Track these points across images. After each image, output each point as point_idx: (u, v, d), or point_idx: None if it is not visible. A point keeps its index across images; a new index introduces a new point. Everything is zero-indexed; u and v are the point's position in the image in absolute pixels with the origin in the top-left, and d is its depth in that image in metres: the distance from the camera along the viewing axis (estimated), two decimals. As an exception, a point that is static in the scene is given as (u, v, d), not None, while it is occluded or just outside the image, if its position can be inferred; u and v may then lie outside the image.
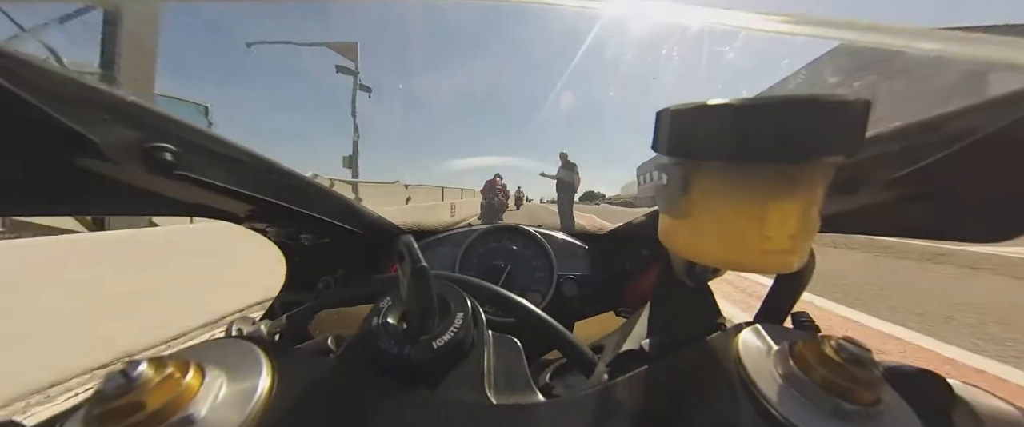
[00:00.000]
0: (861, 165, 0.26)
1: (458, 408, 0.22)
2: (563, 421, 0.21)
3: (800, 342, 0.22)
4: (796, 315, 0.36)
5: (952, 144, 0.22)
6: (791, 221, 0.20)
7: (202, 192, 0.35)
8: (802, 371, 0.20)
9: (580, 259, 0.72)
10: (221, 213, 0.45)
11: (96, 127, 0.24)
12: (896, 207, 0.29)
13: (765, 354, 0.23)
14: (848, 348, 0.19)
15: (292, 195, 0.45)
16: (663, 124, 0.21)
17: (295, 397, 0.21)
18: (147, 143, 0.27)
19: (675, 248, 0.25)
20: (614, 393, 0.23)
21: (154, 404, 0.17)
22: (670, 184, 0.23)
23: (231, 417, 0.19)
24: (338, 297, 0.42)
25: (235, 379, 0.21)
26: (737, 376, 0.22)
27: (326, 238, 0.62)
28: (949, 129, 0.23)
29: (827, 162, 0.19)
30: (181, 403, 0.18)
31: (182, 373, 0.19)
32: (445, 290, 0.29)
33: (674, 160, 0.22)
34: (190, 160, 0.30)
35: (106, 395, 0.17)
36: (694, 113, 0.19)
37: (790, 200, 0.19)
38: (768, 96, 0.17)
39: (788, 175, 0.19)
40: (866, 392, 0.19)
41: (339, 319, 0.42)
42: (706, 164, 0.21)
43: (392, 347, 0.24)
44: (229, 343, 0.25)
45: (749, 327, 0.25)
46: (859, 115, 0.17)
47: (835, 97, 0.17)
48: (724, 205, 0.20)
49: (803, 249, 0.21)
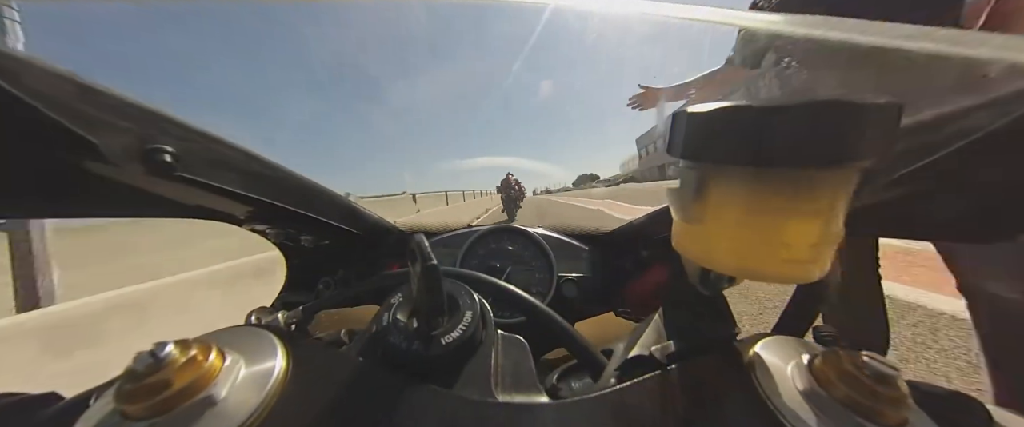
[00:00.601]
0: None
1: (464, 404, 0.22)
2: (569, 422, 0.21)
3: (820, 356, 0.21)
4: (817, 328, 0.34)
5: (952, 143, 0.22)
6: (813, 229, 0.19)
7: (202, 193, 0.35)
8: (822, 387, 0.19)
9: (580, 260, 0.72)
10: (221, 215, 0.45)
11: (96, 128, 0.24)
12: (895, 207, 0.28)
13: (783, 368, 0.22)
14: (873, 365, 0.18)
15: (292, 197, 0.45)
16: (678, 126, 0.20)
17: (308, 383, 0.22)
18: (147, 144, 0.27)
19: (689, 255, 0.24)
20: (622, 398, 0.22)
21: (179, 383, 0.18)
22: (684, 188, 0.22)
23: (249, 398, 0.20)
24: (338, 297, 0.42)
25: (253, 364, 0.22)
26: (752, 389, 0.21)
27: (326, 240, 0.63)
28: (949, 128, 0.22)
29: (855, 168, 0.18)
30: (204, 383, 0.19)
31: (205, 355, 0.20)
32: (454, 288, 0.29)
33: (689, 164, 0.22)
34: (190, 161, 0.30)
35: (136, 373, 0.18)
36: (711, 115, 0.19)
37: (812, 207, 0.18)
38: (792, 98, 0.16)
39: (812, 181, 0.18)
40: (891, 412, 0.18)
41: (340, 319, 0.43)
42: (723, 168, 0.20)
43: (402, 342, 0.24)
44: (248, 331, 0.26)
45: (766, 338, 0.24)
46: (892, 118, 0.16)
47: (866, 99, 0.16)
48: (742, 211, 0.20)
49: (825, 259, 0.20)
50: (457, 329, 0.25)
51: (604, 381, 0.29)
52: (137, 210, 0.39)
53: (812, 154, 0.17)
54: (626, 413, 0.21)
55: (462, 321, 0.26)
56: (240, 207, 0.43)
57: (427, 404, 0.22)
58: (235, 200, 0.39)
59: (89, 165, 0.27)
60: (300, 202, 0.47)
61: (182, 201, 0.39)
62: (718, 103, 0.18)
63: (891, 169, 0.25)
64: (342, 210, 0.58)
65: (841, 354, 0.20)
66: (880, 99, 0.16)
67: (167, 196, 0.36)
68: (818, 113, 0.16)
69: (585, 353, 0.32)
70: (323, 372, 0.23)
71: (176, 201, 0.38)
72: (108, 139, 0.25)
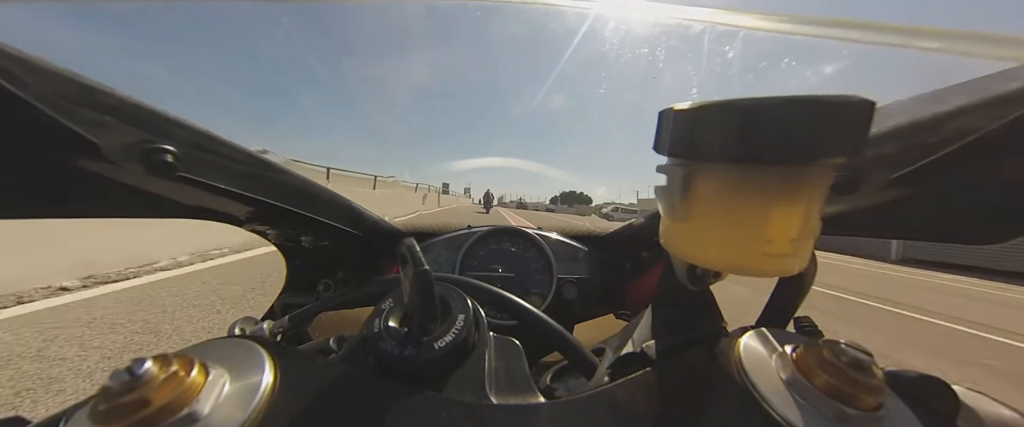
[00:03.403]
0: (858, 165, 0.26)
1: (459, 408, 0.22)
2: (564, 422, 0.21)
3: (802, 347, 0.22)
4: (798, 319, 0.36)
5: (951, 144, 0.22)
6: (793, 224, 0.19)
7: (203, 194, 0.35)
8: (804, 376, 0.20)
9: (580, 262, 0.72)
10: (221, 215, 0.45)
11: (96, 128, 0.24)
12: (894, 208, 0.29)
13: (767, 358, 0.22)
14: (850, 353, 0.19)
15: (293, 198, 0.45)
16: (665, 124, 0.21)
17: (297, 396, 0.21)
18: (147, 145, 0.27)
19: (676, 251, 0.25)
20: (615, 395, 0.23)
21: (159, 401, 0.17)
22: (671, 186, 0.23)
23: (234, 414, 0.19)
24: (338, 299, 0.42)
25: (238, 377, 0.21)
26: (739, 381, 0.21)
27: (326, 241, 0.62)
28: (948, 129, 0.23)
29: (829, 164, 0.19)
30: (186, 400, 0.18)
31: (186, 371, 0.19)
32: (446, 292, 0.29)
33: (675, 161, 0.22)
34: (191, 162, 0.30)
35: (112, 392, 0.17)
36: (695, 113, 0.19)
37: (792, 203, 0.19)
38: (770, 96, 0.17)
39: (790, 177, 0.19)
40: (869, 397, 0.18)
41: (339, 321, 0.42)
42: (707, 166, 0.21)
43: (394, 348, 0.24)
44: (232, 342, 0.25)
45: (751, 331, 0.25)
46: (863, 116, 0.17)
47: (838, 97, 0.16)
48: (725, 208, 0.20)
49: (804, 252, 0.21)
50: (449, 333, 0.25)
51: (597, 380, 0.29)
52: (137, 210, 0.39)
53: (791, 150, 0.17)
54: (619, 410, 0.22)
55: (454, 325, 0.26)
56: (240, 207, 0.43)
57: (421, 409, 0.21)
58: (236, 200, 0.38)
59: (89, 165, 0.26)
60: (300, 203, 0.47)
61: (182, 201, 0.38)
62: (702, 101, 0.19)
63: (888, 170, 0.25)
64: (342, 211, 0.57)
65: (821, 343, 0.21)
66: (853, 97, 0.17)
67: (167, 196, 0.36)
68: (793, 110, 0.17)
69: (577, 354, 0.32)
70: (312, 382, 0.22)
71: (176, 201, 0.38)
72: (109, 139, 0.25)
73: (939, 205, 0.27)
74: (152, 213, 0.39)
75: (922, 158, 0.23)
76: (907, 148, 0.25)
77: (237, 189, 0.36)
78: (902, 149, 0.25)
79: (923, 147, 0.24)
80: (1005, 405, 0.23)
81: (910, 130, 0.25)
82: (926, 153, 0.23)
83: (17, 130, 0.22)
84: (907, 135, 0.25)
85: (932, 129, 0.24)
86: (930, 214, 0.28)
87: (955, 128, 0.23)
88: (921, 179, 0.24)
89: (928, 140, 0.24)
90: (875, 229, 0.33)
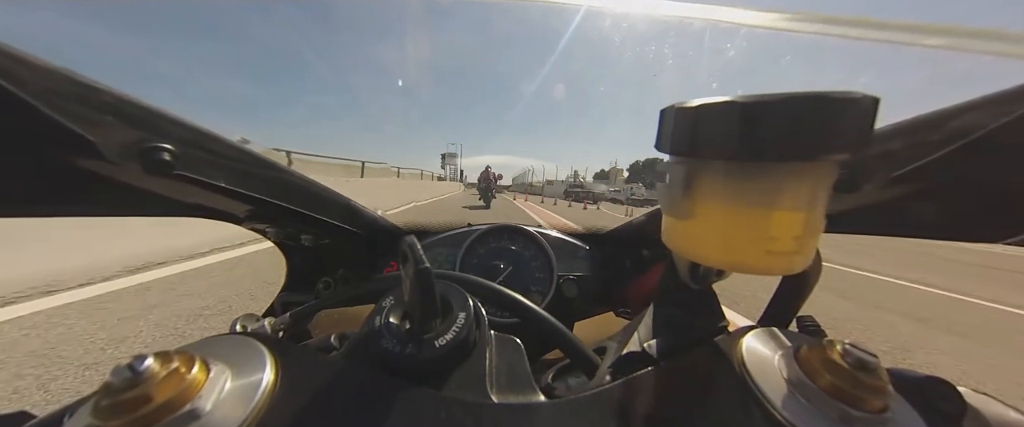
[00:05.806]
0: (861, 163, 0.26)
1: (460, 407, 0.22)
2: (565, 421, 0.21)
3: (805, 346, 0.21)
4: (801, 318, 0.35)
5: (953, 142, 0.22)
6: (797, 221, 0.19)
7: (201, 192, 0.35)
8: (808, 376, 0.20)
9: (580, 259, 0.72)
10: (220, 213, 0.45)
11: (93, 127, 0.24)
12: (896, 206, 0.29)
13: (770, 358, 0.22)
14: (855, 353, 0.19)
15: (292, 196, 0.45)
16: (666, 122, 0.21)
17: (298, 393, 0.21)
18: (145, 143, 0.27)
19: (678, 249, 0.25)
20: (616, 394, 0.22)
21: (160, 397, 0.17)
22: (673, 184, 0.23)
23: (235, 411, 0.19)
24: (339, 297, 0.42)
25: (239, 374, 0.21)
26: (741, 380, 0.21)
27: (326, 239, 0.62)
28: (950, 127, 0.23)
29: (833, 161, 0.19)
30: (187, 397, 0.18)
31: (187, 367, 0.19)
32: (447, 290, 0.29)
33: (677, 159, 0.22)
34: (189, 160, 0.30)
35: (114, 388, 0.17)
36: (697, 111, 0.19)
37: (795, 200, 0.19)
38: (773, 93, 0.17)
39: (794, 174, 0.19)
40: (874, 399, 0.18)
41: (339, 319, 0.42)
42: (710, 163, 0.20)
43: (395, 346, 0.24)
44: (233, 339, 0.25)
45: (754, 330, 0.25)
46: (868, 112, 0.17)
47: (842, 93, 0.16)
48: (728, 205, 0.20)
49: (808, 250, 0.20)
50: (450, 331, 0.25)
51: (599, 379, 0.29)
52: (135, 209, 0.38)
53: (794, 147, 0.17)
54: (621, 409, 0.21)
55: (455, 323, 0.26)
56: (239, 206, 0.43)
57: (422, 407, 0.21)
58: (234, 199, 0.38)
59: (87, 164, 0.26)
60: (299, 201, 0.47)
61: (181, 200, 0.38)
62: (705, 99, 0.19)
63: (891, 168, 0.25)
64: (341, 209, 0.57)
65: (825, 344, 0.20)
66: (857, 94, 0.16)
67: (165, 195, 0.36)
68: (797, 107, 0.17)
69: (579, 352, 0.32)
70: (314, 380, 0.22)
71: (175, 200, 0.38)
72: (107, 138, 0.24)
73: (942, 203, 0.27)
74: (151, 212, 0.39)
75: (926, 155, 0.23)
76: (911, 145, 0.24)
77: (236, 187, 0.36)
78: (906, 146, 0.25)
79: (927, 144, 0.23)
80: (1012, 407, 0.23)
81: (913, 127, 0.25)
82: (930, 150, 0.23)
83: (13, 129, 0.22)
84: (910, 132, 0.25)
85: (935, 126, 0.24)
86: (934, 212, 0.28)
87: (959, 125, 0.22)
88: (924, 176, 0.24)
89: (931, 137, 0.23)
90: (878, 227, 0.32)
